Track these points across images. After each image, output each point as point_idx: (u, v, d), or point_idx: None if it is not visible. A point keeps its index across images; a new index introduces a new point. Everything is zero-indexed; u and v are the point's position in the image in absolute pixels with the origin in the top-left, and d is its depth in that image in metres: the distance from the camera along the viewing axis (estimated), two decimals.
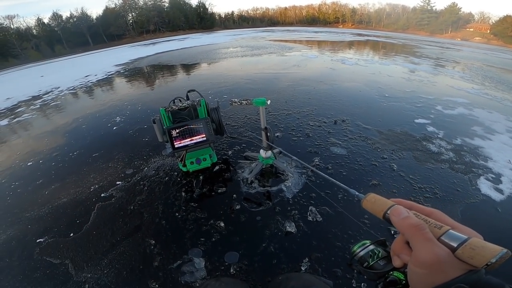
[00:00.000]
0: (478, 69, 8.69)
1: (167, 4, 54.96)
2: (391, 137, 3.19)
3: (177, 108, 2.21)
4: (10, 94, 8.87)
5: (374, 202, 0.47)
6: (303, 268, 1.60)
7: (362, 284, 1.49)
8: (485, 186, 2.37)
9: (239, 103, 2.14)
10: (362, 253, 0.51)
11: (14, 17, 43.75)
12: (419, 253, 0.36)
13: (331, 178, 0.77)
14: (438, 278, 0.34)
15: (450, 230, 0.36)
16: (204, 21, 58.64)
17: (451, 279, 0.33)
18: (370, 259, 0.49)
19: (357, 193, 0.54)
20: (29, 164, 3.26)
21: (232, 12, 72.27)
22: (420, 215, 0.40)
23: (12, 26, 43.08)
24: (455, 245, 0.34)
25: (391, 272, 0.45)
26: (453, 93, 5.33)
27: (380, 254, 0.49)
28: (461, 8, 49.94)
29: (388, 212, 0.43)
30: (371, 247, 0.51)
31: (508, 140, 3.27)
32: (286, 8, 73.58)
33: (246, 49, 12.94)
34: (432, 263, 0.34)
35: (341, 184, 0.69)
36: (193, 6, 58.39)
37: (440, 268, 0.34)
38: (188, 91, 2.50)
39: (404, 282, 0.43)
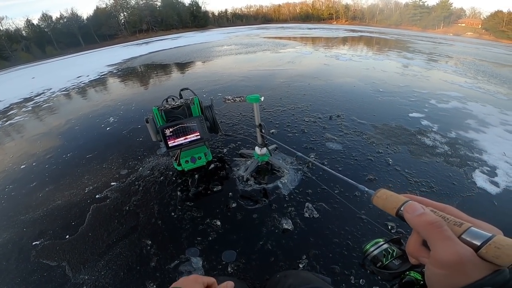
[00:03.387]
0: (471, 64, 8.76)
1: (159, 3, 54.53)
2: (386, 132, 3.20)
3: (170, 107, 2.18)
4: (1, 96, 8.74)
5: (386, 199, 0.43)
6: (301, 266, 1.60)
7: (361, 280, 1.49)
8: (480, 179, 2.38)
9: (232, 101, 2.13)
10: (375, 252, 0.48)
11: (2, 19, 43.16)
12: (439, 253, 0.32)
13: (340, 175, 0.76)
14: (460, 280, 0.31)
15: (472, 227, 0.33)
16: (198, 19, 58.25)
17: (475, 280, 0.30)
18: (384, 259, 0.46)
19: (366, 189, 0.51)
20: (22, 167, 3.21)
21: (226, 10, 71.91)
22: (437, 211, 0.37)
23: (1, 27, 42.46)
24: (478, 243, 0.31)
25: (407, 272, 0.42)
26: (446, 87, 5.37)
27: (395, 253, 0.46)
28: (452, 3, 50.33)
29: (402, 209, 0.40)
30: (385, 245, 0.48)
31: (502, 132, 3.30)
32: (280, 5, 73.49)
33: (240, 46, 12.88)
34: (454, 263, 0.31)
35: (350, 180, 0.67)
36: (186, 5, 58.04)
37: (462, 269, 0.31)
38: (181, 90, 2.47)
39: (422, 282, 0.39)
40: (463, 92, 5.00)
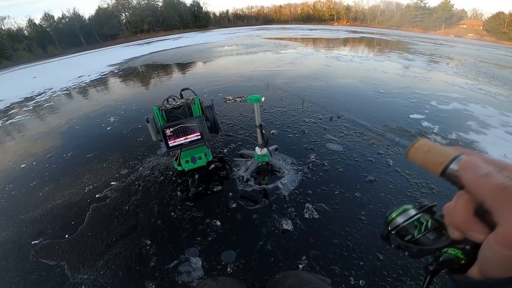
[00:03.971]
0: (472, 65, 8.75)
1: (161, 3, 54.64)
2: (386, 133, 3.19)
3: (170, 107, 2.18)
4: (2, 95, 8.76)
5: (428, 151, 0.35)
6: (300, 266, 1.60)
7: (361, 281, 1.49)
8: None
9: (233, 101, 2.13)
10: (402, 221, 0.38)
11: (4, 18, 43.32)
12: (509, 227, 0.24)
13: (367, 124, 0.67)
14: None
15: None
16: (199, 20, 58.35)
17: None
18: (416, 231, 0.37)
19: (397, 138, 0.40)
20: (22, 166, 3.21)
21: (227, 10, 72.12)
22: (503, 171, 0.28)
23: (3, 27, 42.62)
24: None
25: (445, 249, 0.34)
26: (447, 88, 5.36)
27: (429, 224, 0.37)
28: (453, 4, 50.36)
29: (453, 166, 0.31)
30: (417, 215, 0.38)
31: (503, 134, 3.30)
32: (281, 6, 73.56)
33: (241, 47, 12.89)
34: None
35: (377, 128, 0.54)
36: (188, 5, 58.13)
37: None
38: (182, 90, 2.47)
39: (463, 262, 0.32)
40: (464, 94, 4.99)
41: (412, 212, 0.39)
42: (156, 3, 54.24)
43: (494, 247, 0.26)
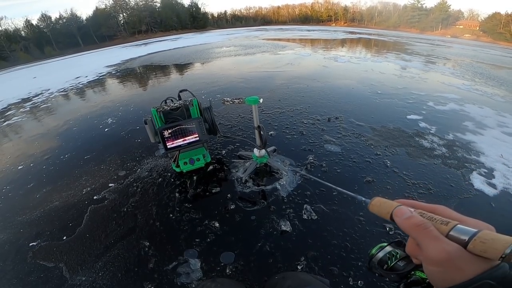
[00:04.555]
0: (468, 66, 8.81)
1: (159, 4, 54.52)
2: (384, 134, 3.21)
3: (169, 108, 2.19)
4: None
5: (380, 206, 0.46)
6: (299, 267, 1.60)
7: (359, 282, 1.49)
8: (478, 181, 2.39)
9: (231, 102, 2.13)
10: (380, 255, 0.51)
11: (1, 19, 43.03)
12: (428, 251, 0.35)
13: (337, 187, 0.76)
14: (456, 275, 0.33)
15: (458, 225, 0.35)
16: (197, 20, 58.26)
17: (474, 275, 0.32)
18: (389, 261, 0.49)
19: (363, 198, 0.54)
20: (20, 167, 3.20)
21: (225, 11, 72.03)
22: (425, 213, 0.39)
23: (0, 28, 42.34)
24: (465, 239, 0.33)
25: (413, 272, 0.45)
26: (444, 89, 5.39)
27: (398, 255, 0.49)
28: (450, 5, 50.63)
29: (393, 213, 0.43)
30: (389, 248, 0.51)
31: (500, 134, 3.32)
32: (279, 7, 73.55)
33: (239, 48, 12.90)
34: (443, 260, 0.33)
35: (347, 192, 0.68)
36: (186, 6, 58.01)
37: (453, 265, 0.33)
38: (180, 91, 2.47)
39: (427, 281, 0.42)
40: (460, 94, 5.03)
41: (387, 248, 0.51)
42: (154, 3, 54.16)
43: (425, 266, 0.37)
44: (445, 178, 2.41)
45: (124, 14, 51.36)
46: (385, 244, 0.52)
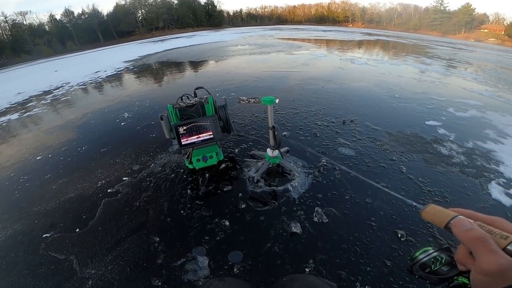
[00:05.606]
0: (492, 71, 8.47)
1: (176, 1, 55.27)
2: (400, 139, 3.13)
3: (184, 105, 2.20)
4: (21, 89, 9.05)
5: (435, 214, 0.47)
6: (307, 270, 1.58)
7: (366, 287, 1.46)
8: (496, 191, 2.29)
9: (247, 101, 2.12)
10: (424, 259, 0.52)
11: (26, 13, 44.74)
12: (482, 263, 0.37)
13: (384, 188, 0.80)
14: (501, 284, 0.36)
15: None
16: (212, 18, 58.75)
17: None
18: (433, 265, 0.50)
19: (414, 203, 0.56)
20: (38, 158, 3.30)
21: (241, 10, 72.31)
22: (484, 225, 0.41)
23: (24, 22, 44.04)
24: None
25: (455, 278, 0.47)
26: (465, 95, 5.20)
27: (443, 260, 0.50)
28: (475, 8, 48.94)
29: (451, 223, 0.44)
30: (434, 253, 0.52)
31: None
32: (295, 6, 73.24)
33: (254, 47, 12.90)
34: (495, 272, 0.36)
35: (396, 194, 0.71)
36: (202, 3, 58.57)
37: (502, 276, 0.35)
38: (196, 88, 2.49)
39: (469, 286, 0.43)
40: (482, 101, 4.83)
41: (431, 251, 0.52)
42: (172, 1, 54.96)
43: (474, 275, 0.39)
44: (462, 186, 2.33)
45: (143, 10, 52.35)
46: (431, 248, 0.53)
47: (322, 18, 66.23)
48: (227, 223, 1.93)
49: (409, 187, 2.28)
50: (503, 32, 44.22)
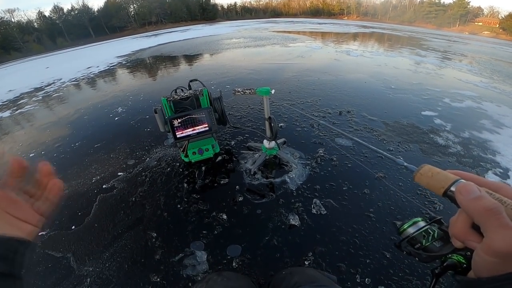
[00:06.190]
0: (487, 63, 8.51)
1: None
2: (397, 129, 3.12)
3: (179, 97, 2.15)
4: (12, 86, 8.87)
5: (432, 177, 0.40)
6: (306, 263, 1.57)
7: (366, 279, 1.45)
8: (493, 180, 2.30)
9: (242, 93, 2.08)
10: (413, 232, 0.45)
11: (14, 11, 43.93)
12: (494, 241, 0.29)
13: (377, 148, 0.72)
14: (510, 266, 0.29)
15: None
16: (207, 12, 58.12)
17: None
18: (424, 240, 0.43)
19: (405, 163, 0.46)
20: (31, 155, 3.24)
21: (235, 3, 71.67)
22: (493, 193, 0.33)
23: (13, 19, 43.20)
24: None
25: (449, 255, 0.39)
26: (461, 86, 5.21)
27: (436, 234, 0.42)
28: (470, 1, 49.04)
29: (452, 188, 0.36)
30: (426, 226, 0.44)
31: None
32: None
33: (249, 40, 12.77)
34: (509, 252, 0.28)
35: (387, 154, 0.62)
36: None
37: None
38: (190, 81, 2.44)
39: (464, 266, 0.37)
40: (478, 92, 4.85)
41: (421, 224, 0.45)
42: None
43: (480, 254, 0.32)
44: None
45: (135, 5, 51.56)
46: (420, 219, 0.46)
47: (317, 11, 65.95)
48: (224, 216, 1.91)
49: (406, 177, 2.27)
50: (497, 25, 44.48)
